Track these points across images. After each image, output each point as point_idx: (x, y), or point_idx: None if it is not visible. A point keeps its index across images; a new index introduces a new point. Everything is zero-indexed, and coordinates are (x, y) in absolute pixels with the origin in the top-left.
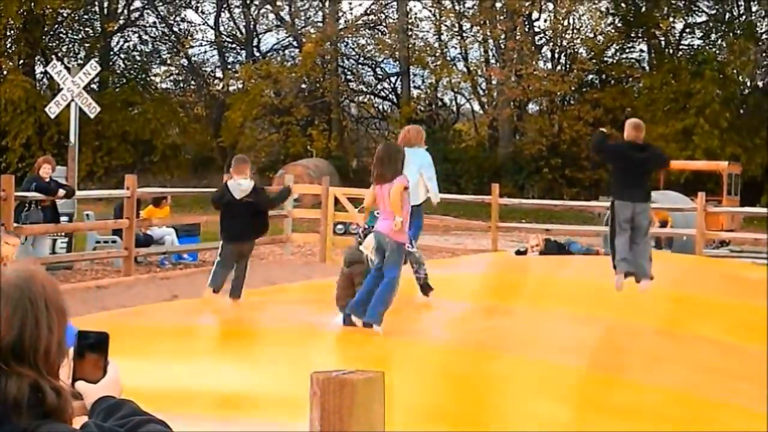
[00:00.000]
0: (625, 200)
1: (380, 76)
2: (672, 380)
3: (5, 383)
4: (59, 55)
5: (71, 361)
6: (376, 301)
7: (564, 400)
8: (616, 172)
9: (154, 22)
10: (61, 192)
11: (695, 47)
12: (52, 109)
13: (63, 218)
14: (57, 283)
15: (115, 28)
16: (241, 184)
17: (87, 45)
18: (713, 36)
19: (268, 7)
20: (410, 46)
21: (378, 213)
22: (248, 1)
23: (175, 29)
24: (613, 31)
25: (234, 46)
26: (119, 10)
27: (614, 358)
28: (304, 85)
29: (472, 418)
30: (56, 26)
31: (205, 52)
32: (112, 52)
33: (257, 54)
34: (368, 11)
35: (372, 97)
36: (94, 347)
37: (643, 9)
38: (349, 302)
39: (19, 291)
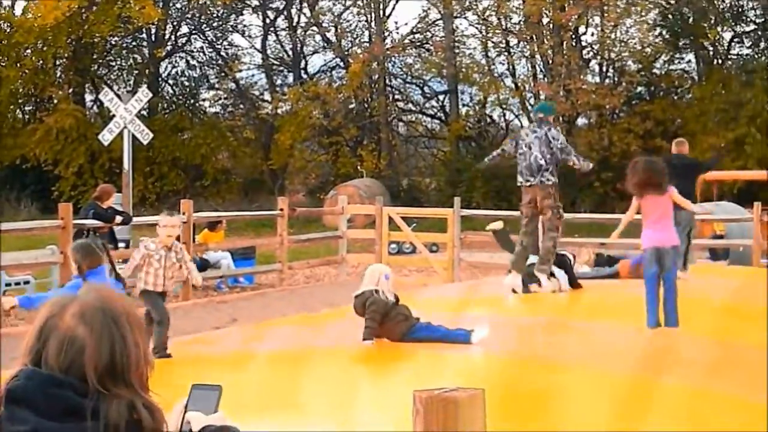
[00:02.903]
0: None
1: (428, 95)
2: (731, 388)
3: (107, 408)
4: (108, 82)
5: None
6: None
7: (625, 410)
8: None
9: (202, 47)
10: (118, 218)
11: (744, 56)
12: (105, 137)
13: (120, 244)
14: (129, 297)
15: (163, 54)
16: None
17: (136, 72)
18: (762, 44)
19: (314, 28)
20: (457, 63)
21: None
22: (294, 24)
23: (223, 53)
24: (661, 42)
25: (281, 68)
26: (167, 36)
27: (677, 368)
28: (352, 106)
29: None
30: (105, 54)
31: (253, 75)
32: (160, 78)
33: (305, 76)
34: (414, 30)
35: (420, 115)
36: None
37: (691, 20)
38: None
39: (102, 313)
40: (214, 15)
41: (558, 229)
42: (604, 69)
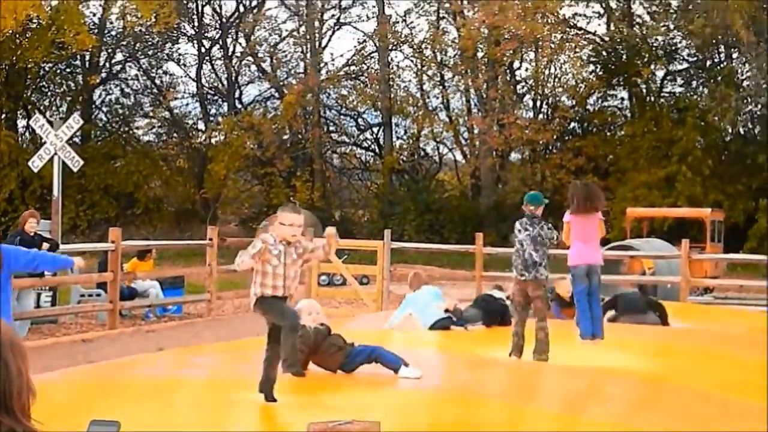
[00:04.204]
0: None
1: (362, 127)
2: (657, 427)
3: None
4: (41, 108)
5: None
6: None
7: None
8: None
9: (136, 75)
10: (45, 246)
11: (677, 94)
12: (35, 163)
13: (47, 272)
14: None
15: (97, 81)
16: None
17: (69, 98)
18: (694, 83)
19: (250, 58)
20: (392, 96)
21: None
22: (230, 53)
23: (157, 82)
24: (594, 79)
25: (216, 98)
26: (101, 63)
27: (600, 406)
28: (286, 137)
29: None
30: (38, 80)
31: (187, 104)
32: (94, 105)
33: (239, 106)
34: (350, 62)
35: (354, 147)
36: None
37: (624, 57)
38: None
39: None
40: (149, 43)
41: (546, 319)
42: (538, 104)
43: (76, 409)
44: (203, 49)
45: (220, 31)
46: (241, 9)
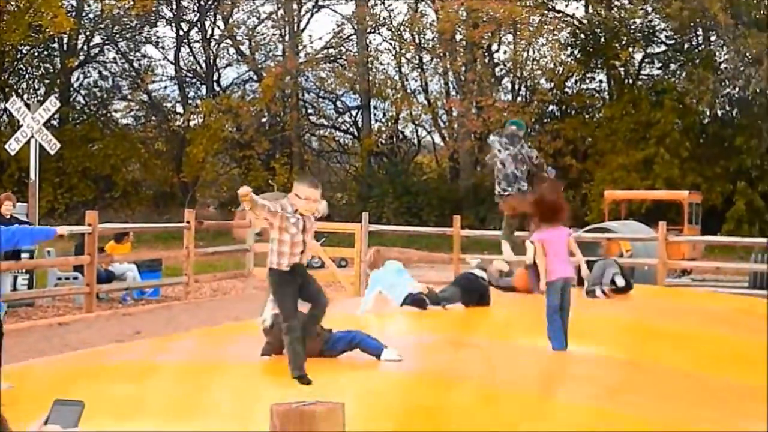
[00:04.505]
0: None
1: (341, 110)
2: (635, 408)
3: None
4: (19, 91)
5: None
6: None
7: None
8: None
9: (114, 58)
10: None
11: (655, 77)
12: (12, 146)
13: (24, 255)
14: None
15: (75, 64)
16: None
17: (47, 81)
18: (672, 66)
19: (228, 41)
20: (370, 79)
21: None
22: (208, 36)
23: (135, 65)
24: (572, 61)
25: (194, 81)
26: (79, 46)
27: (579, 388)
28: (264, 119)
29: None
30: (16, 63)
31: (166, 87)
32: (72, 88)
33: (218, 88)
34: (328, 44)
35: (333, 130)
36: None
37: (603, 40)
38: None
39: None
40: (128, 26)
41: None
42: (516, 87)
43: (52, 396)
44: (181, 32)
45: (198, 14)
46: None
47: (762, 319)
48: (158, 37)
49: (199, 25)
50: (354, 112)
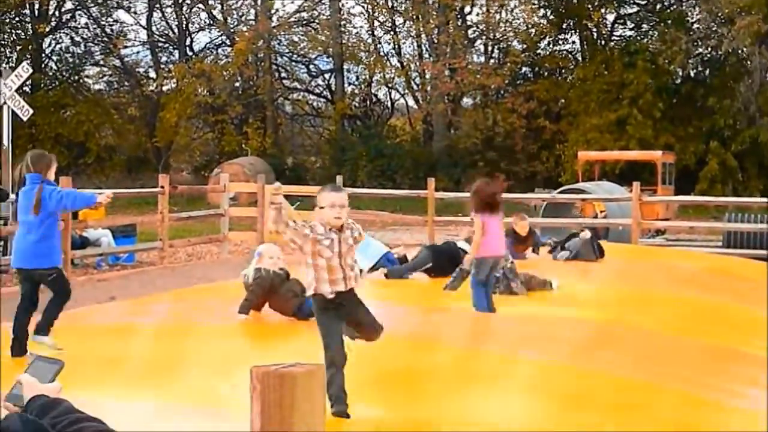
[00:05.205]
0: None
1: (314, 73)
2: (611, 368)
3: None
4: None
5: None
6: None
7: (511, 389)
8: None
9: (86, 24)
10: None
11: (627, 38)
12: None
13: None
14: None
15: (47, 29)
16: None
17: (18, 47)
18: (645, 26)
19: (200, 6)
20: (343, 42)
21: None
22: (180, 1)
23: (108, 30)
24: (545, 23)
25: (167, 45)
26: (50, 12)
27: (555, 348)
28: (237, 84)
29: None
30: None
31: (138, 52)
32: (44, 54)
33: (190, 53)
34: (301, 8)
35: (306, 94)
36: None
37: (575, 1)
38: None
39: None
40: None
41: None
42: (489, 49)
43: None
44: None
45: None
46: None
47: (735, 279)
48: (130, 2)
49: None
50: (327, 76)
